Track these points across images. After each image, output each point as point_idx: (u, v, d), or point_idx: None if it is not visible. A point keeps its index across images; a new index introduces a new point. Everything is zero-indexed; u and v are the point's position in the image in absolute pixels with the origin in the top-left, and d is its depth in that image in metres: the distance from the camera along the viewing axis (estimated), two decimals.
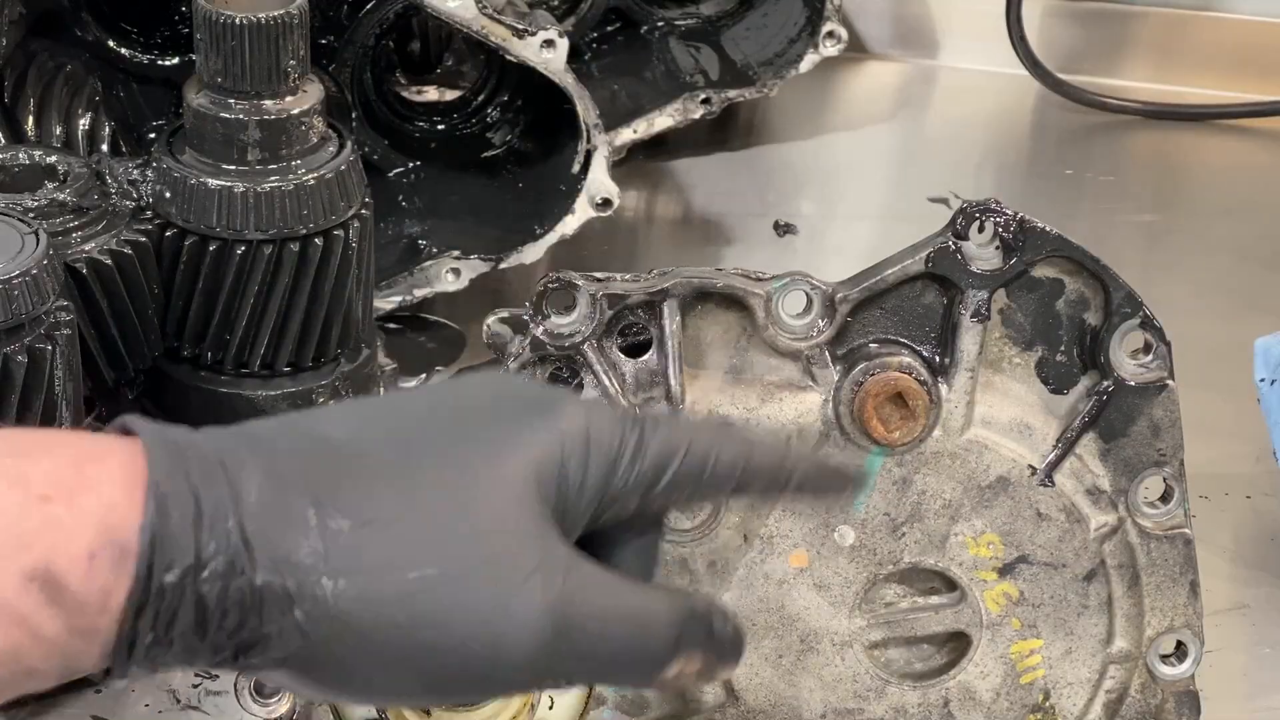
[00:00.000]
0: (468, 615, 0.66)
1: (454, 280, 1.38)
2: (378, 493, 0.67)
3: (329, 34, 1.42)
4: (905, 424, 0.93)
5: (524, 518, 0.68)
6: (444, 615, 0.66)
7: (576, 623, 0.68)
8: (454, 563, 0.66)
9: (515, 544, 0.67)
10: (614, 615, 0.69)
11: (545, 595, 0.67)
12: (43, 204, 1.11)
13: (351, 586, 0.65)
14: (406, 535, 0.66)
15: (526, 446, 0.69)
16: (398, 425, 0.69)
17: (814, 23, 1.61)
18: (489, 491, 0.68)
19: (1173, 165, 1.75)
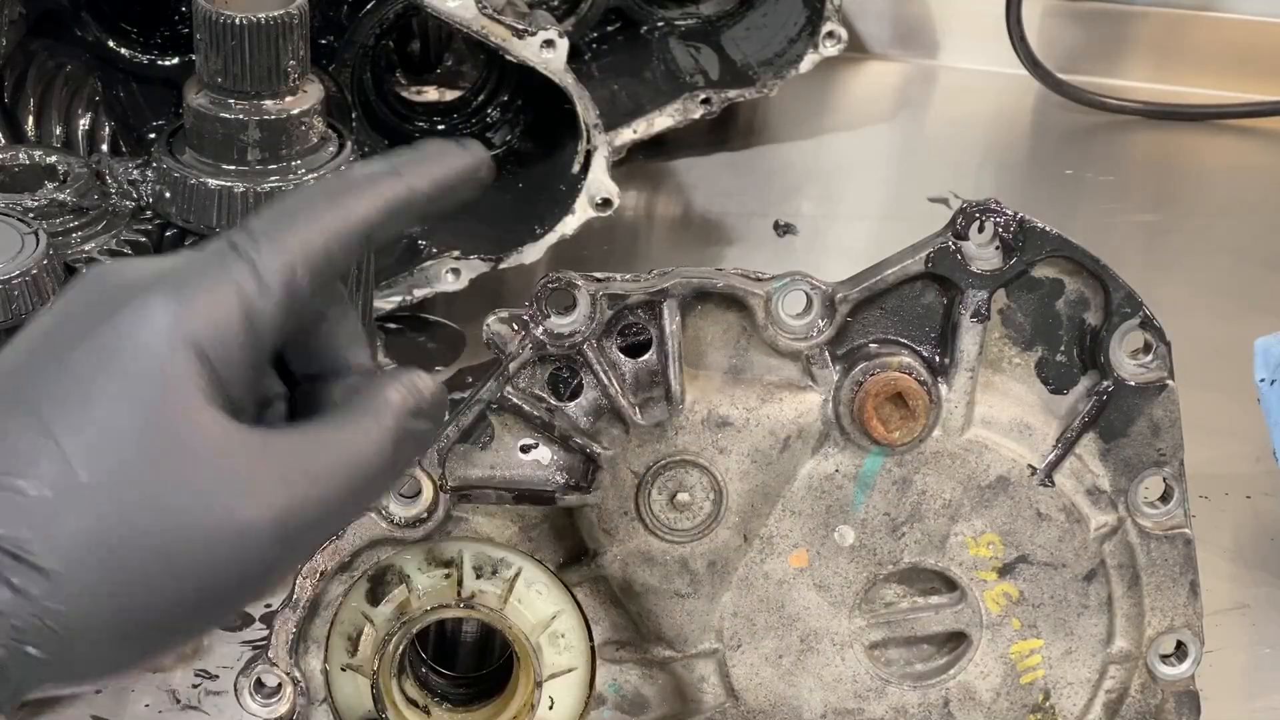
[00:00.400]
0: (187, 549, 0.64)
1: (454, 280, 1.38)
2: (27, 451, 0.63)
3: (329, 34, 1.42)
4: (905, 424, 0.93)
5: (199, 434, 0.65)
6: (166, 562, 0.64)
7: (297, 505, 0.66)
8: (150, 514, 0.64)
9: (203, 464, 0.64)
10: (330, 475, 0.67)
11: (255, 498, 0.65)
12: (43, 204, 1.11)
13: (68, 584, 0.62)
14: (91, 497, 0.63)
15: (165, 368, 0.65)
16: (28, 371, 0.65)
17: (814, 23, 1.61)
18: (152, 424, 0.64)
19: (1173, 165, 1.75)
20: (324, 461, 0.67)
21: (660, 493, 0.93)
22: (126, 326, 0.65)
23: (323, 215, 0.69)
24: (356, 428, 0.69)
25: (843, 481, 0.94)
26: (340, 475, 0.68)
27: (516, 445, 0.93)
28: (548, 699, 0.95)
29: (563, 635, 0.95)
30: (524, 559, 0.93)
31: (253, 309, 0.66)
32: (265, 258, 0.67)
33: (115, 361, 0.65)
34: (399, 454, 0.70)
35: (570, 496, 0.93)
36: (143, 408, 0.64)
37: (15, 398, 0.64)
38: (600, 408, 0.93)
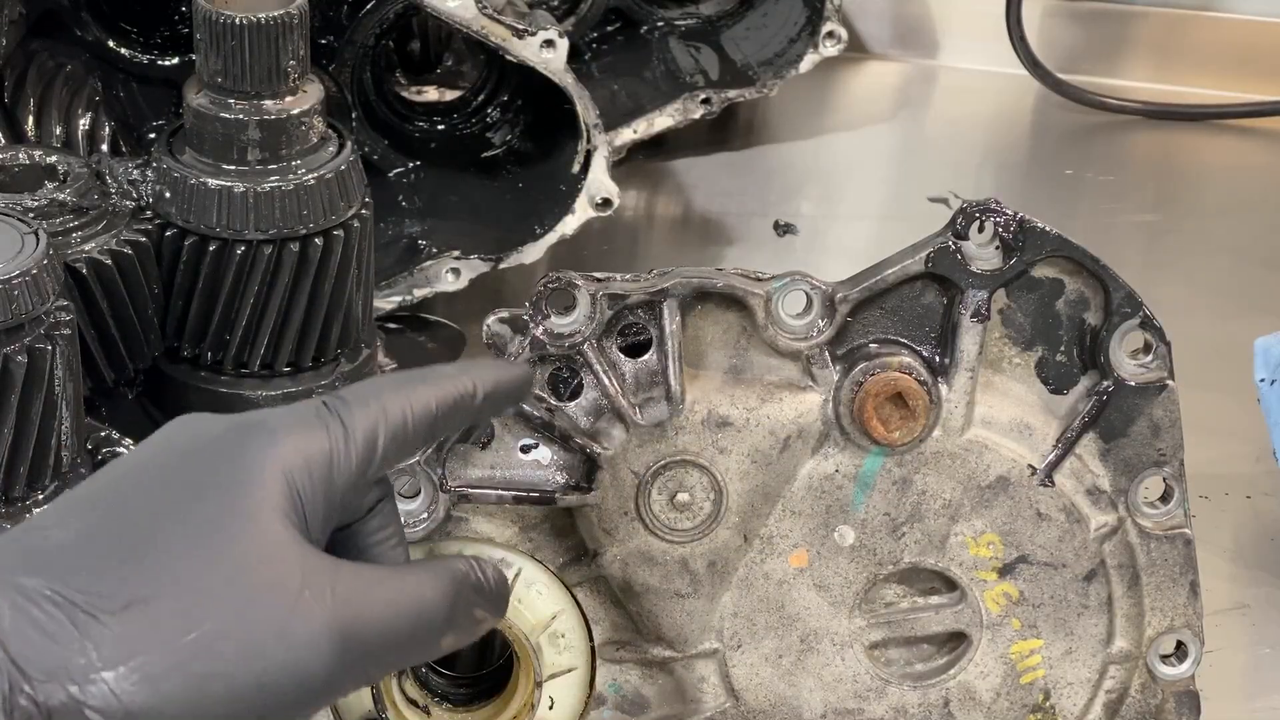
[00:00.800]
0: (252, 655, 0.68)
1: (454, 280, 1.38)
2: (124, 575, 0.68)
3: (329, 34, 1.42)
4: (905, 424, 0.93)
5: (275, 547, 0.70)
6: (230, 665, 0.68)
7: (359, 626, 0.71)
8: (222, 611, 0.68)
9: (274, 573, 0.69)
10: (391, 606, 0.72)
11: (321, 610, 0.69)
12: (43, 204, 1.11)
13: (131, 673, 0.66)
14: (167, 605, 0.67)
15: (253, 491, 0.71)
16: (113, 509, 0.70)
17: (814, 23, 1.61)
18: (233, 535, 0.69)
19: (1173, 165, 1.75)
20: (387, 594, 0.72)
21: (660, 493, 0.93)
22: (229, 460, 0.72)
23: (402, 393, 0.76)
24: (421, 575, 0.75)
25: (843, 481, 0.94)
26: (400, 610, 0.72)
27: (516, 445, 0.93)
28: (548, 699, 0.95)
29: (563, 635, 0.95)
30: (524, 559, 0.93)
31: (337, 455, 0.73)
32: (353, 417, 0.74)
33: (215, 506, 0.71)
34: (455, 615, 0.75)
35: (570, 496, 0.93)
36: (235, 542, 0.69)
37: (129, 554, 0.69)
38: (600, 408, 0.93)
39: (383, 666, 0.73)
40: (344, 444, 0.73)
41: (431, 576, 0.75)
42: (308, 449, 0.72)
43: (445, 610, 0.74)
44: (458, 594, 0.75)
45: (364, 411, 0.74)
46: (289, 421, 0.73)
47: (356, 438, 0.73)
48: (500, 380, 0.80)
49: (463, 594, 0.75)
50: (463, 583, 0.76)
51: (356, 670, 0.71)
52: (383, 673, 0.76)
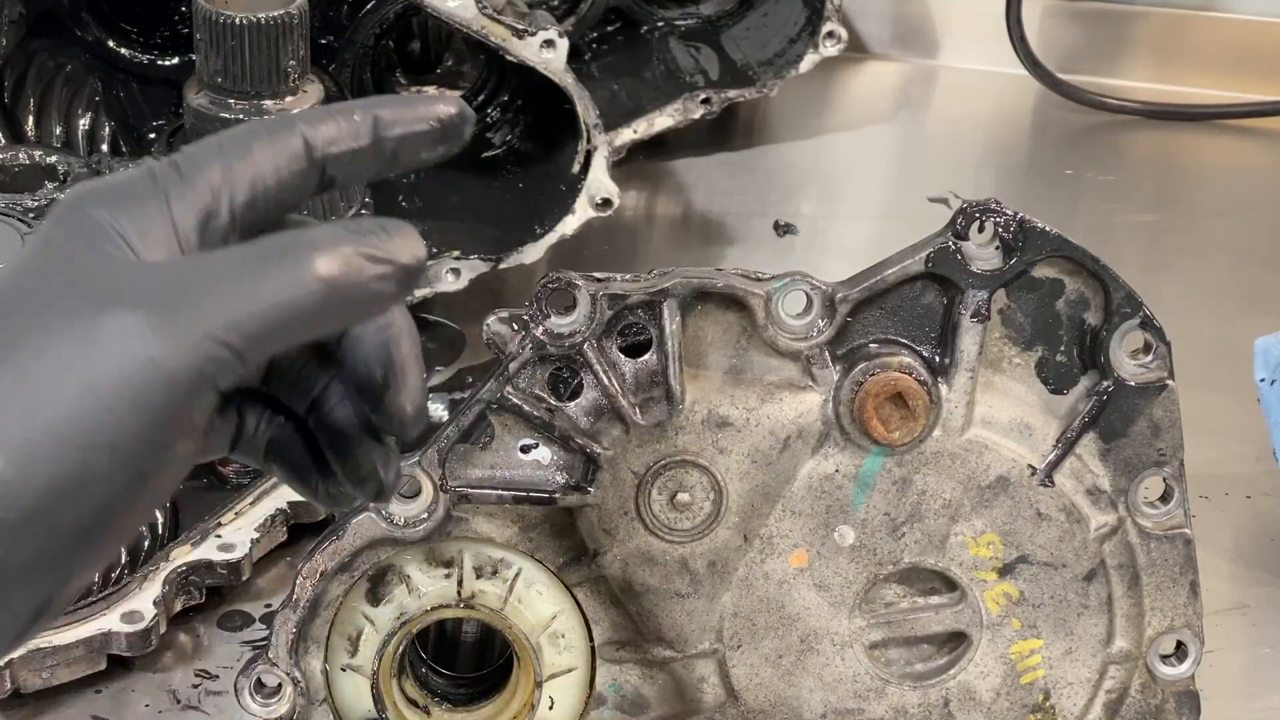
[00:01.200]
0: (87, 367, 0.61)
1: (454, 280, 1.38)
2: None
3: (329, 34, 1.42)
4: (905, 424, 0.93)
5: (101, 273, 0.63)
6: (70, 390, 0.61)
7: (196, 303, 0.62)
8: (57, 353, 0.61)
9: (103, 288, 0.62)
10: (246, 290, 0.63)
11: (150, 298, 0.62)
12: (43, 204, 1.11)
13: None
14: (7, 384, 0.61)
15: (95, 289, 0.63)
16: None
17: (814, 23, 1.61)
18: (67, 314, 0.62)
19: (1173, 165, 1.75)
20: (247, 281, 0.63)
21: (660, 493, 0.93)
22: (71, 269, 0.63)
23: (253, 140, 0.67)
24: (282, 251, 0.64)
25: (843, 481, 0.94)
26: (264, 299, 0.63)
27: (516, 445, 0.93)
28: (548, 699, 0.95)
29: (563, 635, 0.95)
30: (524, 559, 0.93)
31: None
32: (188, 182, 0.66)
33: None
34: (336, 294, 0.64)
35: (570, 496, 0.93)
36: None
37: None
38: (600, 408, 0.93)
39: (255, 353, 0.63)
40: (171, 204, 0.65)
41: (304, 244, 0.64)
42: (136, 216, 0.65)
43: (323, 286, 0.64)
44: (342, 269, 0.64)
45: (204, 167, 0.66)
46: (114, 185, 0.66)
47: (184, 202, 0.65)
48: (409, 115, 0.69)
49: (348, 270, 0.64)
50: (347, 256, 0.64)
51: (225, 367, 0.62)
52: (255, 360, 0.64)
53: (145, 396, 0.61)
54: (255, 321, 0.63)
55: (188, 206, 0.66)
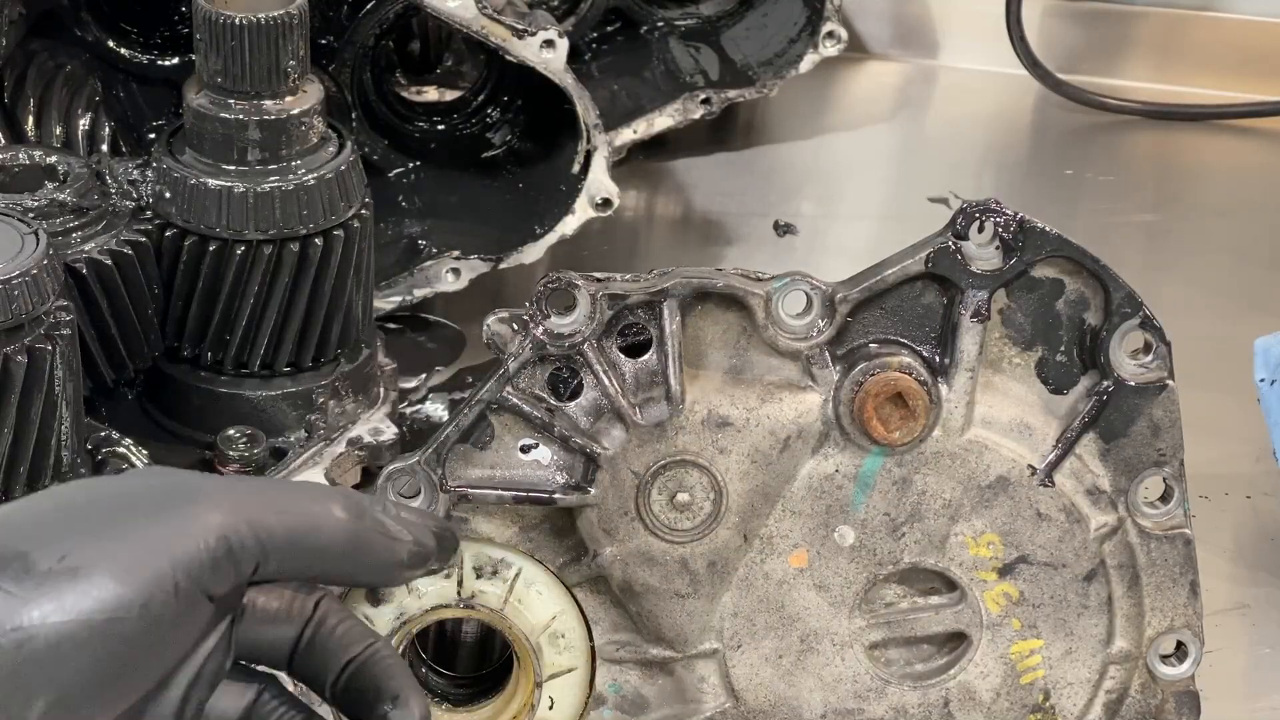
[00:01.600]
0: (139, 559, 0.69)
1: (454, 280, 1.38)
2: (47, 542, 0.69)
3: (329, 34, 1.42)
4: (905, 424, 0.93)
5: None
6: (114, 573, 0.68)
7: (246, 523, 0.71)
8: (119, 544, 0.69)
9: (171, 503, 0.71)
10: (285, 514, 0.73)
11: (208, 505, 0.71)
12: (43, 204, 1.11)
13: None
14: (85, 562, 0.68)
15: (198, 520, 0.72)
16: (65, 498, 0.72)
17: (814, 23, 1.61)
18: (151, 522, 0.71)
19: (1173, 165, 1.75)
20: (282, 501, 0.74)
21: (660, 493, 0.93)
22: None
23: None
24: (318, 489, 0.77)
25: (843, 481, 0.94)
26: (292, 512, 0.73)
27: (516, 445, 0.93)
28: (548, 699, 0.95)
29: (563, 635, 0.95)
30: (524, 559, 0.93)
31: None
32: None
33: None
34: (355, 536, 0.75)
35: (570, 496, 0.93)
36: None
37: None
38: (600, 408, 0.93)
39: (276, 555, 0.72)
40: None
41: (336, 491, 0.76)
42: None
43: (344, 522, 0.74)
44: (360, 515, 0.75)
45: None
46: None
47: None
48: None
49: (365, 518, 0.75)
50: (365, 505, 0.75)
51: (248, 551, 0.71)
52: (275, 567, 0.73)
53: (181, 557, 0.70)
54: (282, 528, 0.72)
55: None
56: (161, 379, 1.19)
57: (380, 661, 0.80)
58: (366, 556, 0.75)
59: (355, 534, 0.75)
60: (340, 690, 0.80)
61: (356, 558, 0.75)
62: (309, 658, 0.80)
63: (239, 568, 0.71)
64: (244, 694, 0.80)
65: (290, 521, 0.72)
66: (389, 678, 0.80)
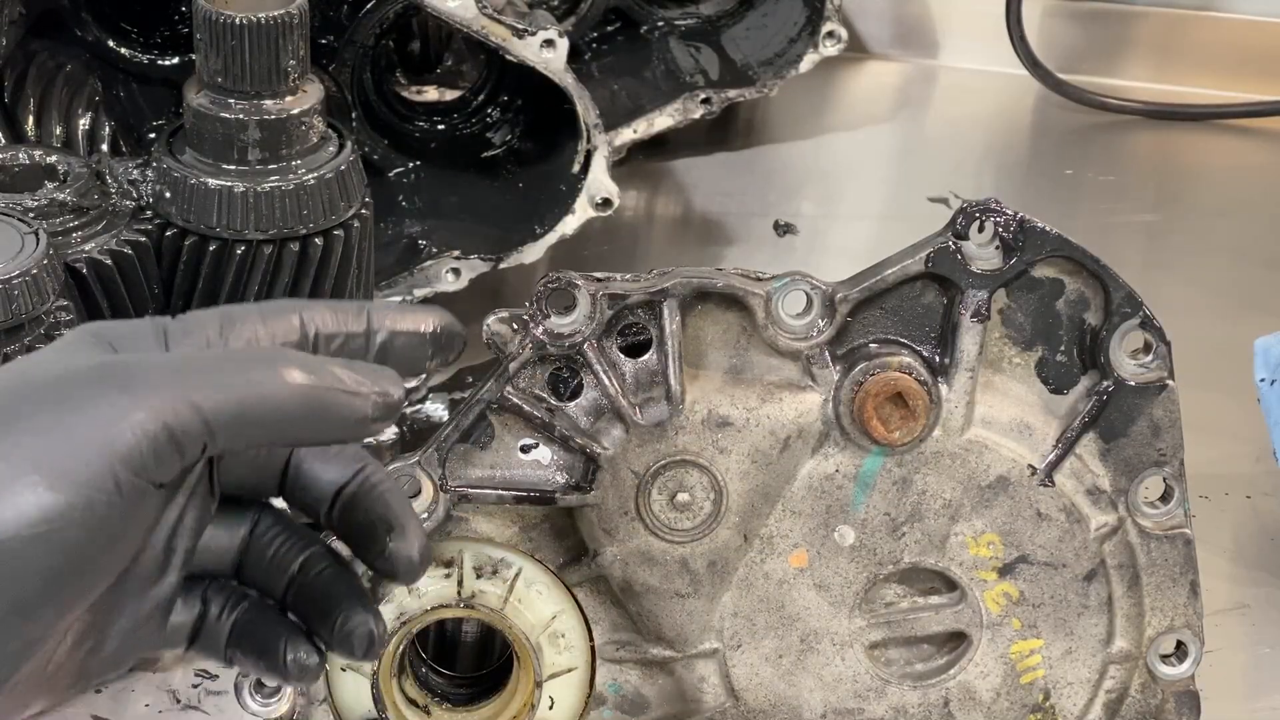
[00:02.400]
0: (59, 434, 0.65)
1: (454, 280, 1.38)
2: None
3: (329, 34, 1.42)
4: (905, 424, 0.93)
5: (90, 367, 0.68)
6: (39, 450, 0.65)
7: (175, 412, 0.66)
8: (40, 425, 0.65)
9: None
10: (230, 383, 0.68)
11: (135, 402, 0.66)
12: (43, 204, 1.11)
13: None
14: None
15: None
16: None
17: (814, 23, 1.61)
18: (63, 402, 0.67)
19: (1173, 165, 1.75)
20: (226, 366, 0.68)
21: (660, 493, 0.93)
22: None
23: (253, 318, 0.72)
24: (264, 353, 0.70)
25: (843, 481, 0.94)
26: (238, 382, 0.67)
27: (516, 445, 0.93)
28: (548, 699, 0.95)
29: (563, 635, 0.95)
30: (524, 559, 0.93)
31: None
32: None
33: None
34: (308, 398, 0.68)
35: (570, 496, 0.93)
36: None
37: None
38: (600, 408, 0.93)
39: (224, 431, 0.67)
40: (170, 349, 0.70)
41: (285, 353, 0.70)
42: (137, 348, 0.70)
43: (295, 386, 0.68)
44: (312, 375, 0.68)
45: (204, 329, 0.71)
46: (122, 326, 0.71)
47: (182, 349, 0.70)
48: (403, 329, 0.74)
49: (320, 377, 0.69)
50: (319, 365, 0.69)
51: (193, 432, 0.66)
52: (226, 443, 0.68)
53: (117, 446, 0.65)
54: (229, 403, 0.67)
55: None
56: None
57: (372, 490, 0.76)
58: (326, 417, 0.69)
59: (309, 396, 0.68)
60: (336, 519, 0.76)
61: (315, 421, 0.69)
62: (298, 486, 0.76)
63: (184, 452, 0.66)
64: (238, 528, 0.77)
65: (237, 394, 0.67)
66: (384, 506, 0.75)
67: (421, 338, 0.75)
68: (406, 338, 0.74)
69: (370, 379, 0.70)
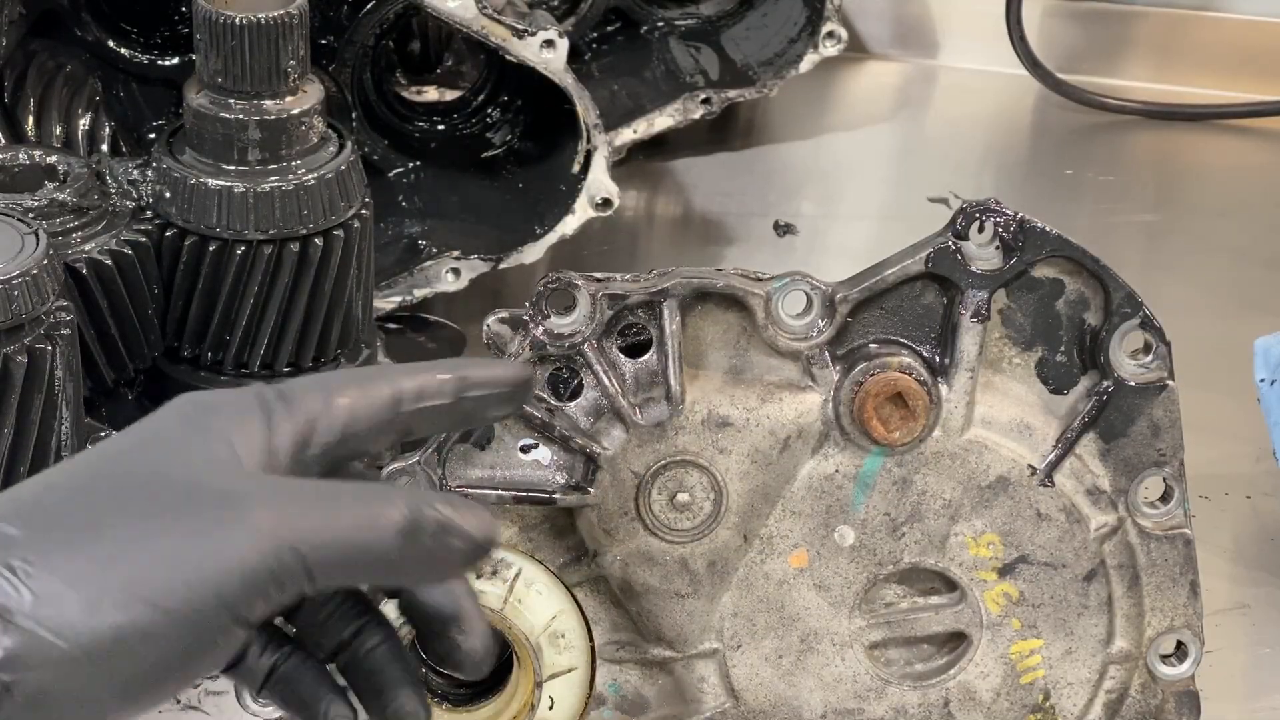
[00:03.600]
0: (186, 559, 0.66)
1: (454, 280, 1.38)
2: (68, 528, 0.66)
3: (329, 34, 1.42)
4: (905, 424, 0.93)
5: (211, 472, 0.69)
6: (165, 574, 0.66)
7: (301, 527, 0.67)
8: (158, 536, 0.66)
9: (212, 491, 0.68)
10: (338, 517, 0.68)
11: (261, 511, 0.67)
12: (43, 204, 1.11)
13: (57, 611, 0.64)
14: (104, 544, 0.66)
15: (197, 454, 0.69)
16: (80, 474, 0.69)
17: (814, 23, 1.61)
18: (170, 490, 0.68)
19: (1173, 165, 1.75)
20: (335, 504, 0.69)
21: (660, 493, 0.93)
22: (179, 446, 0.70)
23: (354, 387, 0.73)
24: (369, 494, 0.70)
25: (843, 481, 0.94)
26: (349, 521, 0.68)
27: (516, 445, 0.93)
28: (548, 699, 0.95)
29: (563, 635, 0.95)
30: (524, 559, 0.93)
31: (272, 437, 0.71)
32: (292, 406, 0.72)
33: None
34: (412, 540, 0.69)
35: (570, 496, 0.93)
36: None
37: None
38: (600, 408, 0.93)
39: (324, 576, 0.68)
40: (273, 427, 0.71)
41: (383, 498, 0.70)
42: (243, 430, 0.70)
43: (394, 540, 0.69)
44: (417, 522, 0.69)
45: (306, 399, 0.72)
46: (228, 399, 0.72)
47: (285, 427, 0.71)
48: (489, 379, 0.76)
49: (423, 523, 0.69)
50: (423, 510, 0.70)
51: (293, 576, 0.67)
52: (323, 585, 0.69)
53: (219, 580, 0.66)
54: (331, 547, 0.68)
55: (286, 432, 0.71)
56: (161, 379, 1.19)
57: (370, 657, 0.76)
58: (421, 564, 0.70)
59: (410, 545, 0.69)
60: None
61: (410, 567, 0.70)
62: (311, 626, 0.77)
63: (282, 595, 0.67)
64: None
65: (342, 540, 0.68)
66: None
67: (504, 396, 0.77)
68: (492, 399, 0.76)
69: (467, 524, 0.70)
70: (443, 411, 0.75)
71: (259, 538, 0.66)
